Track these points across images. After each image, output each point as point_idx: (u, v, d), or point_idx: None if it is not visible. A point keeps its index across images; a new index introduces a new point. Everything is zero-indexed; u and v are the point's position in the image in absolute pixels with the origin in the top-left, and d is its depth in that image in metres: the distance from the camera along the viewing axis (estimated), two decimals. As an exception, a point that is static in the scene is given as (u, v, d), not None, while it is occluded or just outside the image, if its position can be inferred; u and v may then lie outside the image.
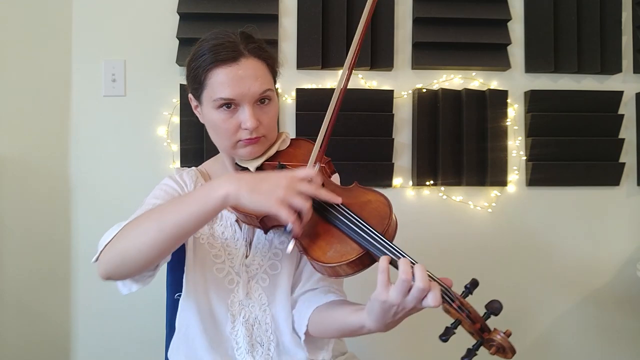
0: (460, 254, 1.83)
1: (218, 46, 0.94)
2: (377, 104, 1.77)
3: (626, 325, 1.89)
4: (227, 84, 0.92)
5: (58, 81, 1.76)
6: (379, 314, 0.76)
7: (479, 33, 1.80)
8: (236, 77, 0.92)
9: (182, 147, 1.74)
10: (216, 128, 0.98)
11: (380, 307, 0.75)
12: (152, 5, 1.77)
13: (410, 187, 1.82)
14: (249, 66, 0.94)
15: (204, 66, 0.94)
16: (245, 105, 0.94)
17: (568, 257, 1.87)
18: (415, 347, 1.83)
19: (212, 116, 0.96)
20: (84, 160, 1.77)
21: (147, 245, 0.81)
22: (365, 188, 0.94)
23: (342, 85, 0.95)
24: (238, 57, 0.93)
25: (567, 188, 1.86)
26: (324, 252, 0.84)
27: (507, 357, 0.75)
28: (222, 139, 0.99)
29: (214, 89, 0.93)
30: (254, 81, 0.93)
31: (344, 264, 0.81)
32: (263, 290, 1.01)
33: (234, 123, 0.95)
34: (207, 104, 0.96)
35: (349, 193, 0.92)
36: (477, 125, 1.80)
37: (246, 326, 0.99)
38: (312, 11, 1.75)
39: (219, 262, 1.01)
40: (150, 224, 0.81)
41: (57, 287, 1.77)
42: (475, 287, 0.78)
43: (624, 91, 1.85)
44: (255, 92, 0.93)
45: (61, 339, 1.78)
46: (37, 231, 1.75)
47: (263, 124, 0.96)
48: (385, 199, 0.90)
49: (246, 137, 0.95)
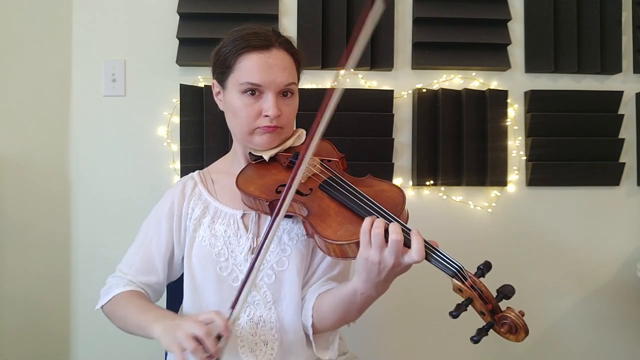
0: (460, 254, 1.81)
1: (252, 34, 0.98)
2: (377, 104, 1.77)
3: (626, 325, 1.89)
4: (256, 69, 0.95)
5: (58, 81, 1.76)
6: (365, 272, 0.81)
7: (479, 33, 1.80)
8: (266, 64, 0.96)
9: (182, 147, 1.74)
10: (237, 113, 0.99)
11: (364, 266, 0.80)
12: (152, 5, 1.77)
13: (410, 187, 1.82)
14: (278, 56, 0.97)
15: (235, 51, 0.97)
16: (270, 93, 0.97)
17: (568, 257, 1.87)
18: (415, 347, 1.83)
19: (235, 100, 0.98)
20: (84, 160, 1.77)
21: (123, 329, 1.02)
22: (379, 179, 0.96)
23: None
24: (270, 46, 0.97)
25: (567, 188, 1.86)
26: (334, 231, 0.85)
27: (519, 337, 0.75)
28: (240, 124, 1.00)
29: (242, 73, 0.96)
30: (282, 71, 0.97)
31: (353, 243, 0.82)
32: (268, 288, 1.00)
33: (256, 109, 0.98)
34: (232, 87, 0.99)
35: (362, 182, 0.95)
36: (477, 125, 1.80)
37: (250, 325, 0.99)
38: (312, 11, 1.76)
39: (222, 260, 1.01)
40: (120, 322, 1.02)
41: (57, 286, 1.77)
42: (489, 270, 0.80)
43: (624, 91, 1.85)
44: (281, 82, 0.97)
45: (61, 338, 1.78)
46: (37, 231, 1.75)
47: (283, 114, 0.99)
48: (399, 189, 0.92)
49: (265, 124, 0.98)
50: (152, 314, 0.95)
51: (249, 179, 1.01)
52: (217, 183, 1.10)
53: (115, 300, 1.02)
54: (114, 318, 1.03)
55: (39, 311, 1.76)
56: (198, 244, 1.03)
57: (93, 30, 1.76)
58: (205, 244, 1.02)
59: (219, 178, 1.11)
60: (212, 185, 1.10)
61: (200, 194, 1.08)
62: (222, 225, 1.03)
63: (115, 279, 1.07)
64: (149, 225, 1.09)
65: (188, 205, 1.06)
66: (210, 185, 1.10)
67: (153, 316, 0.94)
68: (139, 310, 0.98)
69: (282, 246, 1.01)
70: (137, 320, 0.96)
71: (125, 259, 1.09)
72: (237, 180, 1.01)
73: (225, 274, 1.01)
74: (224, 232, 1.02)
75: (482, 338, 0.74)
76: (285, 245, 1.01)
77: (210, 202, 1.06)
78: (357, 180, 0.97)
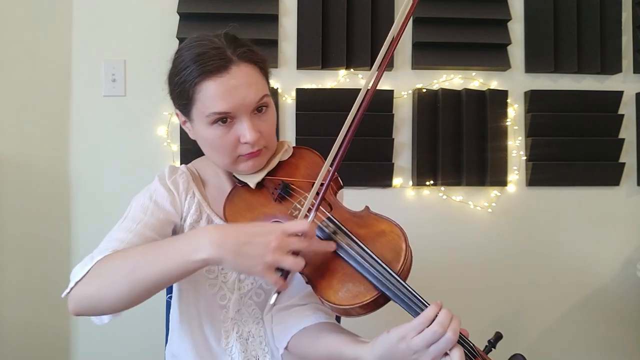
0: (460, 254, 1.83)
1: (202, 55, 0.83)
2: (377, 104, 1.77)
3: (626, 325, 1.89)
4: (219, 96, 0.83)
5: (58, 81, 1.76)
6: (388, 351, 0.71)
7: (479, 33, 1.80)
8: (229, 87, 0.83)
9: (182, 147, 1.74)
10: (212, 145, 0.88)
11: (396, 346, 0.70)
12: (152, 5, 1.77)
13: (410, 187, 1.82)
14: (240, 74, 0.84)
15: (191, 80, 0.84)
16: (243, 117, 0.85)
17: (568, 256, 1.87)
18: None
19: (207, 133, 0.87)
20: (84, 160, 1.77)
21: (118, 296, 0.75)
22: (378, 215, 0.85)
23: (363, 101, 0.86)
24: (228, 66, 0.83)
25: (567, 188, 1.86)
26: (335, 291, 0.77)
27: None
28: (220, 157, 0.90)
29: (206, 104, 0.84)
30: (248, 89, 0.84)
31: (357, 306, 0.75)
32: (257, 305, 0.97)
33: (232, 138, 0.86)
34: (199, 120, 0.87)
35: (360, 221, 0.84)
36: (477, 125, 1.80)
37: (240, 341, 0.96)
38: (312, 11, 1.75)
39: (211, 277, 0.95)
40: (122, 275, 0.74)
41: (56, 287, 1.76)
42: (499, 341, 0.75)
43: (624, 91, 1.85)
44: (251, 101, 0.85)
45: (61, 338, 1.77)
46: (36, 231, 1.75)
47: (263, 134, 0.88)
48: (399, 230, 0.81)
49: (247, 151, 0.87)
50: (181, 242, 0.76)
51: (238, 212, 0.91)
52: (207, 187, 0.99)
53: (99, 271, 0.77)
54: (99, 295, 0.76)
55: (38, 311, 1.76)
56: None
57: (93, 30, 1.76)
58: None
59: (207, 183, 1.00)
60: (202, 187, 0.99)
61: (194, 195, 0.96)
62: None
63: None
64: (144, 213, 0.91)
65: (185, 201, 0.95)
66: (201, 187, 0.99)
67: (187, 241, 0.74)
68: (150, 251, 0.77)
69: None
70: (156, 260, 0.74)
71: (112, 238, 0.86)
72: (225, 212, 0.92)
73: (214, 291, 0.95)
74: None
75: None
76: None
77: (204, 208, 0.96)
78: (354, 216, 0.86)
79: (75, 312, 0.78)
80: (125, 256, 0.77)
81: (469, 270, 1.83)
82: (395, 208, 1.79)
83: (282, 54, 1.78)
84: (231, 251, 0.70)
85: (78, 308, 0.78)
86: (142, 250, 0.78)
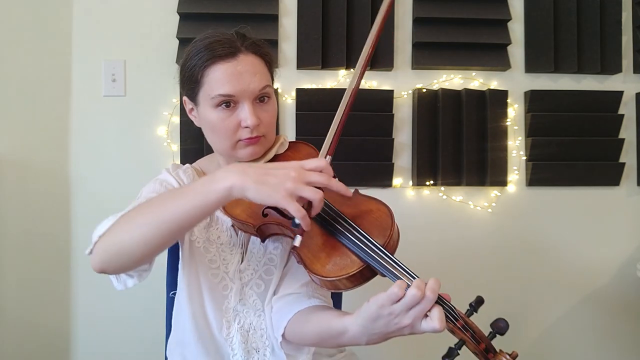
0: (460, 254, 1.83)
1: (214, 43, 0.92)
2: (377, 104, 1.77)
3: (626, 325, 1.89)
4: (226, 80, 0.90)
5: (58, 81, 1.76)
6: (370, 318, 0.73)
7: (479, 33, 1.80)
8: (235, 72, 0.90)
9: (182, 147, 1.74)
10: (214, 128, 0.94)
11: (377, 312, 0.73)
12: (152, 5, 1.77)
13: (410, 187, 1.82)
14: (247, 62, 0.92)
15: (201, 64, 0.91)
16: (245, 102, 0.91)
17: (568, 257, 1.87)
18: (414, 345, 1.82)
19: (210, 116, 0.93)
20: (84, 160, 1.77)
21: (144, 239, 0.76)
22: (366, 196, 0.90)
23: (357, 78, 0.92)
24: (236, 53, 0.91)
25: (567, 188, 1.86)
26: (322, 264, 0.81)
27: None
28: (221, 140, 0.95)
29: (212, 86, 0.91)
30: (253, 77, 0.91)
31: (344, 278, 0.79)
32: (258, 296, 0.99)
33: (233, 122, 0.92)
34: (204, 103, 0.94)
35: (349, 201, 0.88)
36: (477, 125, 1.80)
37: (241, 332, 0.97)
38: (312, 11, 1.75)
39: (214, 267, 0.98)
40: (148, 217, 0.77)
41: (56, 287, 1.77)
42: (480, 305, 0.76)
43: (624, 91, 1.85)
44: (255, 88, 0.91)
45: (61, 338, 1.77)
46: (36, 231, 1.75)
47: (263, 122, 0.94)
48: (386, 208, 0.87)
49: (246, 136, 0.93)
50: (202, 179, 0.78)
51: (235, 200, 0.93)
52: None
53: (122, 221, 0.80)
54: (124, 242, 0.77)
55: (38, 311, 1.76)
56: (193, 244, 0.99)
57: (93, 30, 1.76)
58: (199, 246, 0.99)
59: None
60: None
61: None
62: (216, 231, 1.00)
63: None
64: (154, 192, 0.96)
65: None
66: None
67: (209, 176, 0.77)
68: (173, 192, 0.83)
69: (269, 255, 1.00)
70: (180, 196, 0.76)
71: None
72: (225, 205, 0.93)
73: (216, 280, 0.98)
74: (217, 239, 0.99)
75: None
76: (271, 254, 1.00)
77: None
78: (344, 198, 0.88)
79: (100, 266, 0.80)
80: (149, 202, 0.80)
81: (469, 270, 1.83)
82: (395, 208, 1.74)
83: (282, 54, 1.78)
84: (253, 180, 0.73)
85: (102, 261, 0.79)
86: (166, 193, 0.84)
